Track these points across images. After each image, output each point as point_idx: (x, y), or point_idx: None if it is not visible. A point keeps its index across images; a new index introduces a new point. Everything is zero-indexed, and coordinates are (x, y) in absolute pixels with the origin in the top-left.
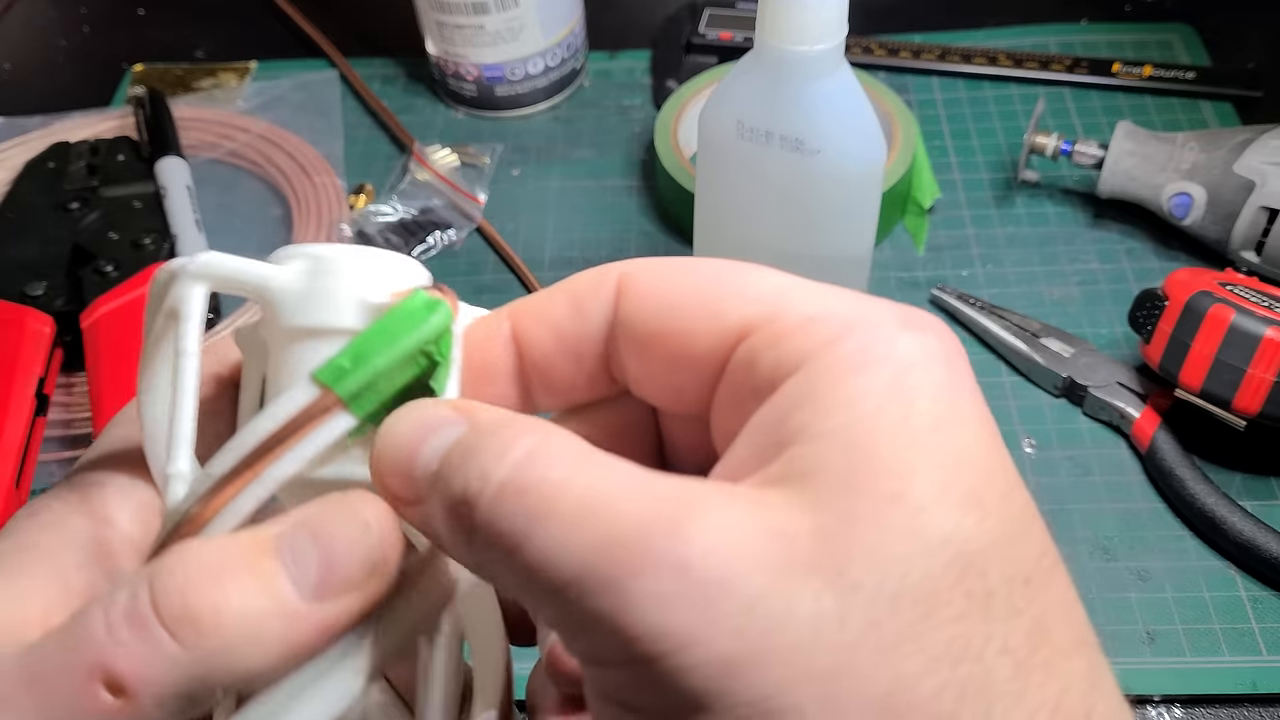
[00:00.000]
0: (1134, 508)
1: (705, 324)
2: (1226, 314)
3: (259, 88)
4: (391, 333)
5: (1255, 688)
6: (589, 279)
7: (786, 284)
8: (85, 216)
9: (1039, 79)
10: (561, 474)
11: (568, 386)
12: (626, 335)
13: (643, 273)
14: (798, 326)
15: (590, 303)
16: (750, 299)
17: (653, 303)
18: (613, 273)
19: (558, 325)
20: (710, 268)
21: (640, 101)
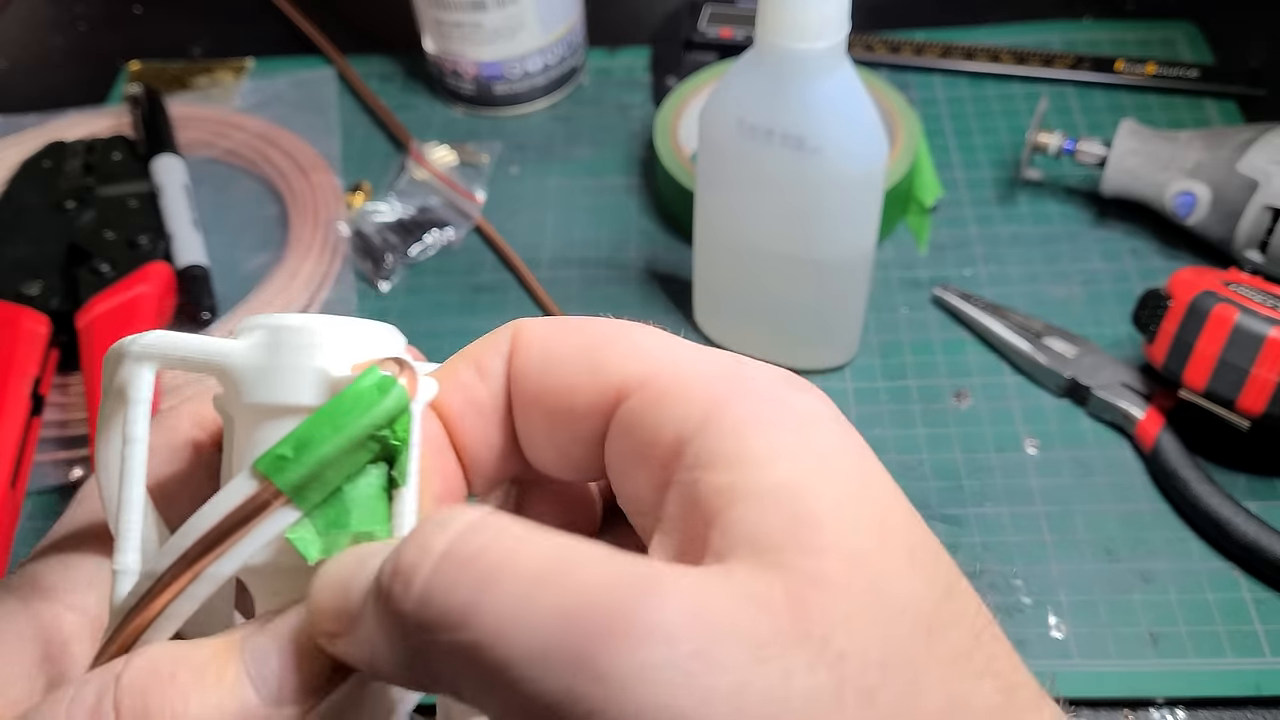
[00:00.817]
0: (1137, 509)
1: (585, 380)
2: (1231, 314)
3: (255, 86)
4: (339, 417)
5: (1259, 690)
6: (488, 339)
7: (668, 342)
8: (81, 215)
9: (1042, 77)
10: (511, 543)
11: (493, 459)
12: (516, 394)
13: (534, 327)
14: (681, 386)
15: (489, 361)
16: (629, 356)
17: (537, 358)
18: (508, 329)
19: (466, 390)
20: (597, 326)
21: (640, 99)
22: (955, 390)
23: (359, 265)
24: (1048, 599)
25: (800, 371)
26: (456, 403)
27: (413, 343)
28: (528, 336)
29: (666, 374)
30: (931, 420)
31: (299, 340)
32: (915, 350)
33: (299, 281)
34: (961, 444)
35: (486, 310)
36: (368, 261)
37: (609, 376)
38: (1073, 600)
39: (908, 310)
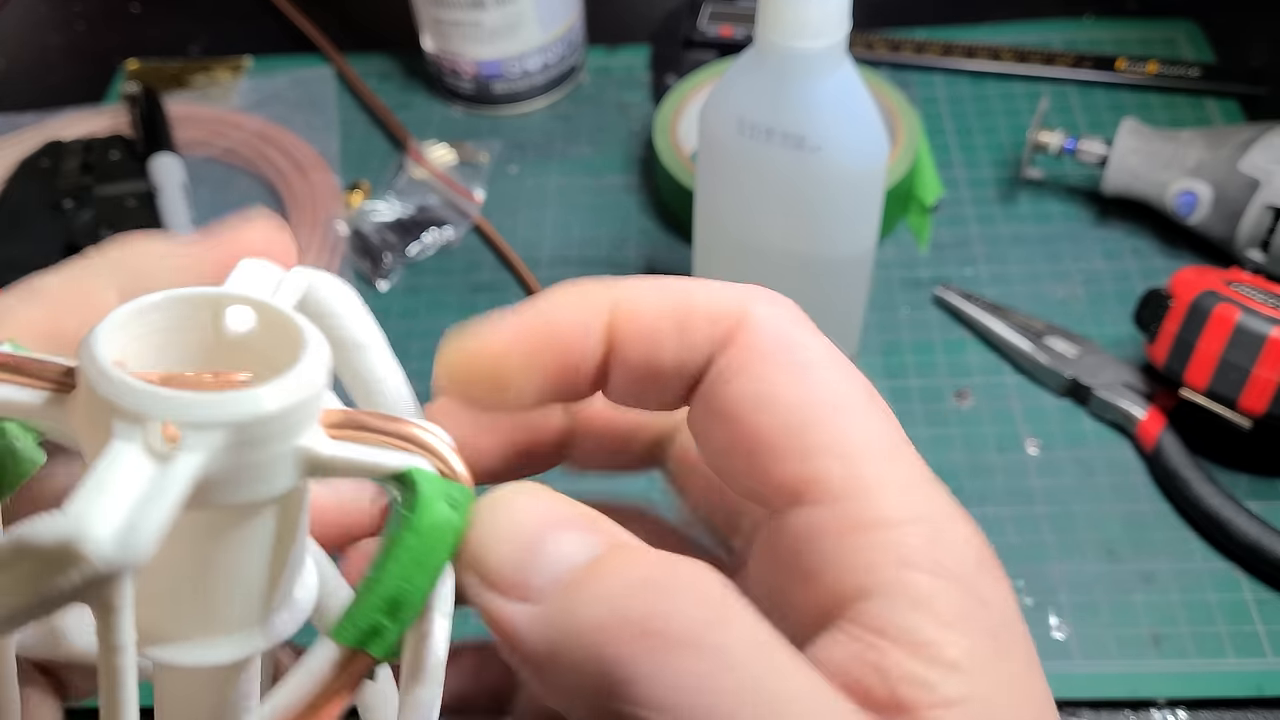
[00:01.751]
0: (1139, 509)
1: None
2: (1232, 313)
3: (254, 84)
4: (426, 558)
5: (1261, 691)
6: (705, 308)
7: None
8: (79, 215)
9: (1043, 75)
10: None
11: (631, 398)
12: (713, 391)
13: (758, 335)
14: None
15: (699, 339)
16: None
17: (747, 386)
18: (732, 315)
19: (658, 345)
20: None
21: (639, 98)
22: (956, 390)
23: (357, 264)
24: (1049, 600)
25: None
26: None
27: (411, 342)
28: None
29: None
30: (932, 420)
31: (269, 431)
32: (916, 350)
33: None
34: (962, 444)
35: (486, 309)
36: (366, 261)
37: (806, 466)
38: (1074, 601)
39: (908, 310)
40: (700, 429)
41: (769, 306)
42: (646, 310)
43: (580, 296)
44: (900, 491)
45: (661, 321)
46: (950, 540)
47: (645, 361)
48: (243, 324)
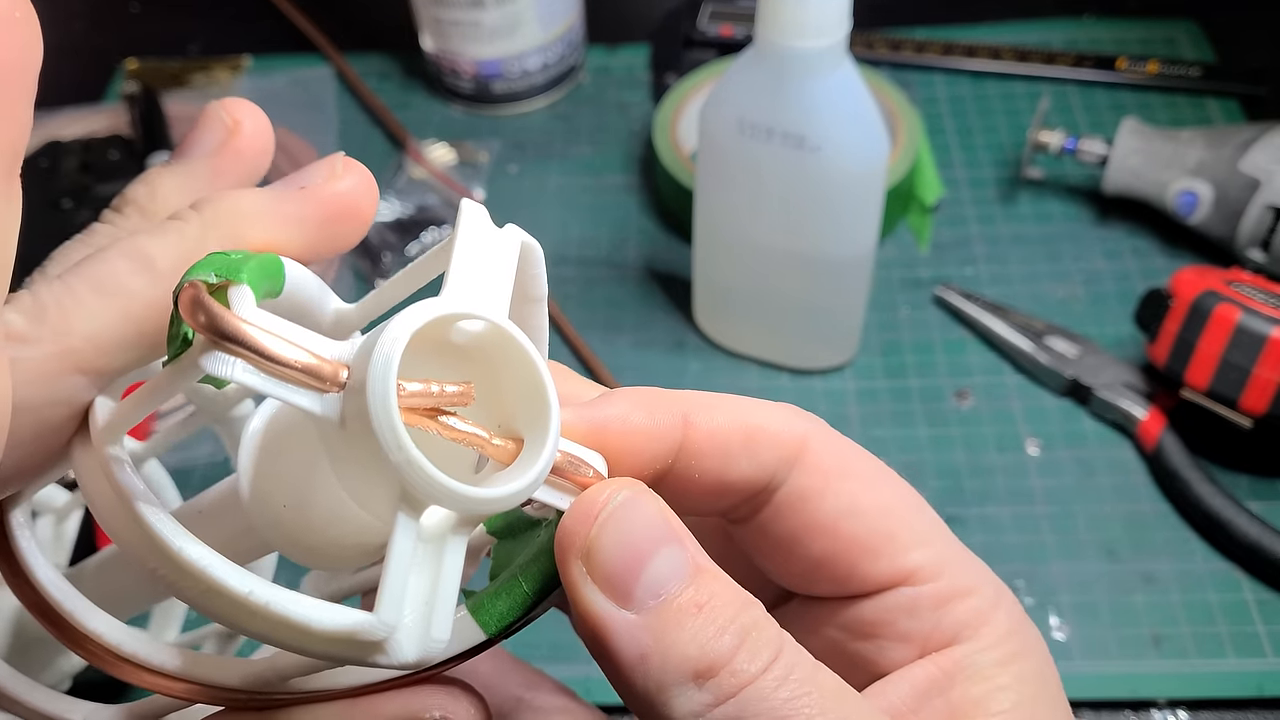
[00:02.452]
0: (1140, 509)
1: (882, 552)
2: (1233, 313)
3: (253, 84)
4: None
5: (1261, 691)
6: (771, 427)
7: (942, 533)
8: (78, 214)
9: (1043, 75)
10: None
11: (696, 504)
12: (797, 509)
13: (829, 457)
14: (959, 598)
15: (765, 454)
16: (920, 542)
17: (837, 502)
18: (797, 435)
19: (726, 455)
20: (891, 494)
21: (639, 97)
22: (956, 390)
23: (356, 264)
24: (1049, 600)
25: (801, 371)
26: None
27: None
28: (827, 468)
29: (951, 577)
30: (933, 420)
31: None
32: (916, 350)
33: None
34: (963, 444)
35: None
36: (365, 260)
37: (904, 559)
38: (1074, 601)
39: (909, 310)
40: (774, 542)
41: (823, 429)
42: (720, 427)
43: (654, 402)
44: (965, 566)
45: (733, 438)
46: (1007, 599)
47: (716, 474)
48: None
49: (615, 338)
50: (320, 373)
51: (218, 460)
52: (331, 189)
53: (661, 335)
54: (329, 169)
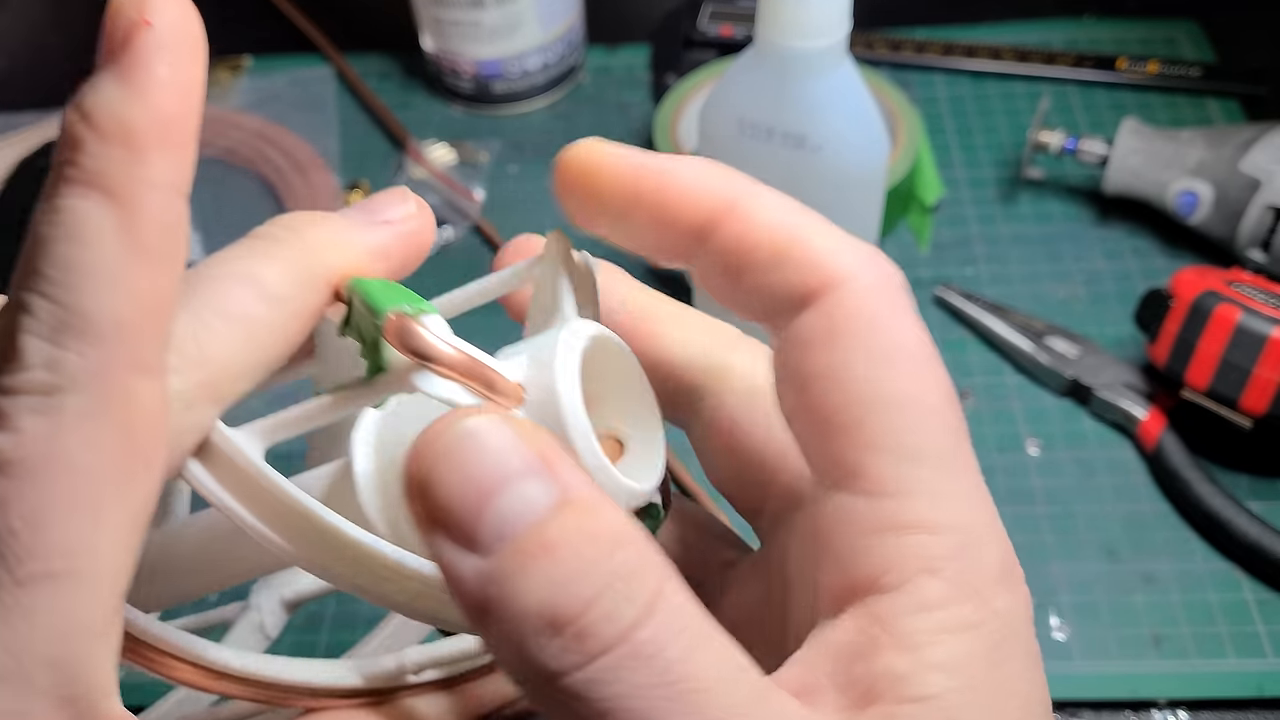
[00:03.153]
0: (1140, 509)
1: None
2: (1233, 313)
3: (253, 84)
4: None
5: (1261, 691)
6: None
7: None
8: None
9: (1043, 75)
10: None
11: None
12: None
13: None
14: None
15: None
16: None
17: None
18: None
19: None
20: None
21: (639, 97)
22: (957, 390)
23: None
24: (1049, 600)
25: None
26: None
27: None
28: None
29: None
30: None
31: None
32: None
33: None
34: None
35: (485, 309)
36: None
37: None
38: (1075, 601)
39: None
40: (778, 373)
41: (872, 276)
42: (758, 225)
43: (709, 176)
44: (943, 499)
45: (765, 244)
46: (977, 552)
47: (735, 270)
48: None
49: None
50: (508, 392)
51: None
52: (411, 225)
53: None
54: (401, 203)
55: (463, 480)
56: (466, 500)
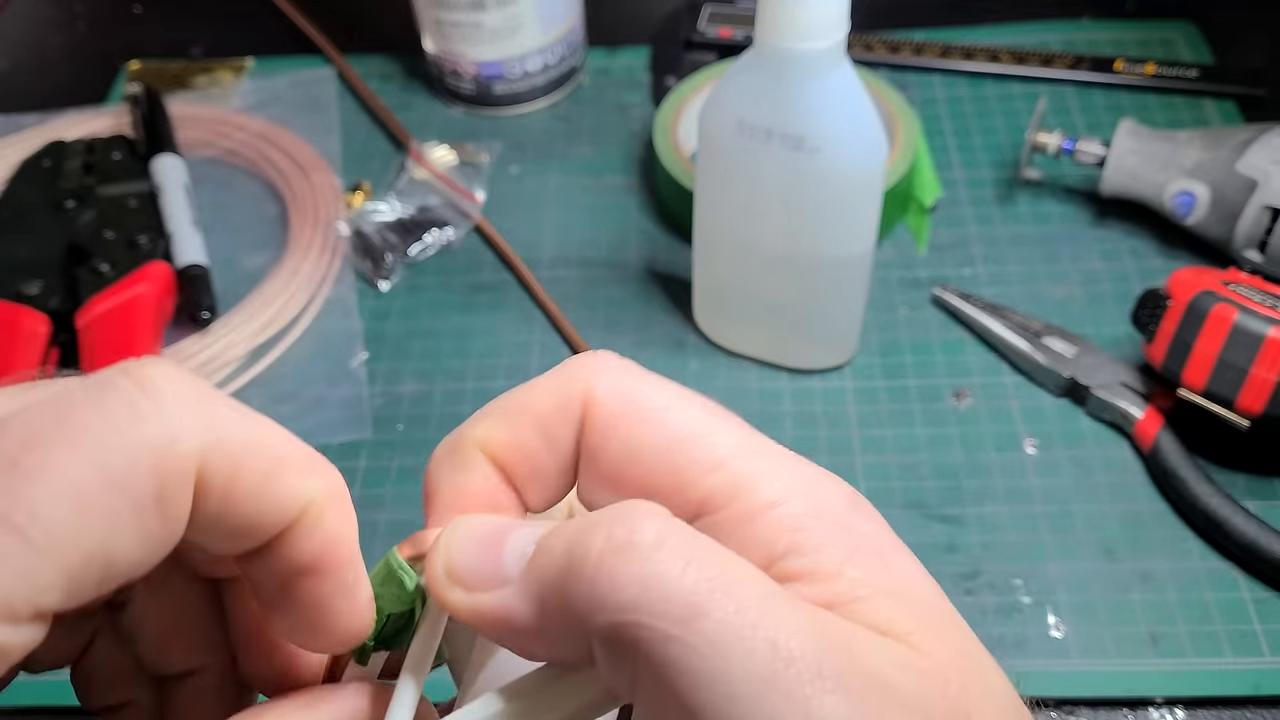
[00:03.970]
0: (1137, 509)
1: (668, 484)
2: (1230, 313)
3: (255, 85)
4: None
5: (1258, 689)
6: (554, 397)
7: (750, 449)
8: (81, 215)
9: (1041, 76)
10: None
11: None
12: (590, 467)
13: (610, 404)
14: (766, 513)
15: (558, 429)
16: (714, 468)
17: (617, 449)
18: (578, 391)
19: (531, 459)
20: (678, 419)
21: (639, 99)
22: (954, 390)
23: (359, 265)
24: (1047, 599)
25: (800, 371)
26: (521, 472)
27: (412, 342)
28: (605, 417)
29: (749, 495)
30: (931, 420)
31: None
32: (914, 350)
33: (299, 281)
34: (961, 444)
35: (486, 309)
36: (367, 261)
37: (694, 490)
38: (1072, 600)
39: (907, 310)
40: (592, 502)
41: (607, 375)
42: (507, 432)
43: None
44: (770, 478)
45: (524, 436)
46: (822, 499)
47: (533, 472)
48: None
49: (616, 338)
50: None
51: None
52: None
53: (661, 335)
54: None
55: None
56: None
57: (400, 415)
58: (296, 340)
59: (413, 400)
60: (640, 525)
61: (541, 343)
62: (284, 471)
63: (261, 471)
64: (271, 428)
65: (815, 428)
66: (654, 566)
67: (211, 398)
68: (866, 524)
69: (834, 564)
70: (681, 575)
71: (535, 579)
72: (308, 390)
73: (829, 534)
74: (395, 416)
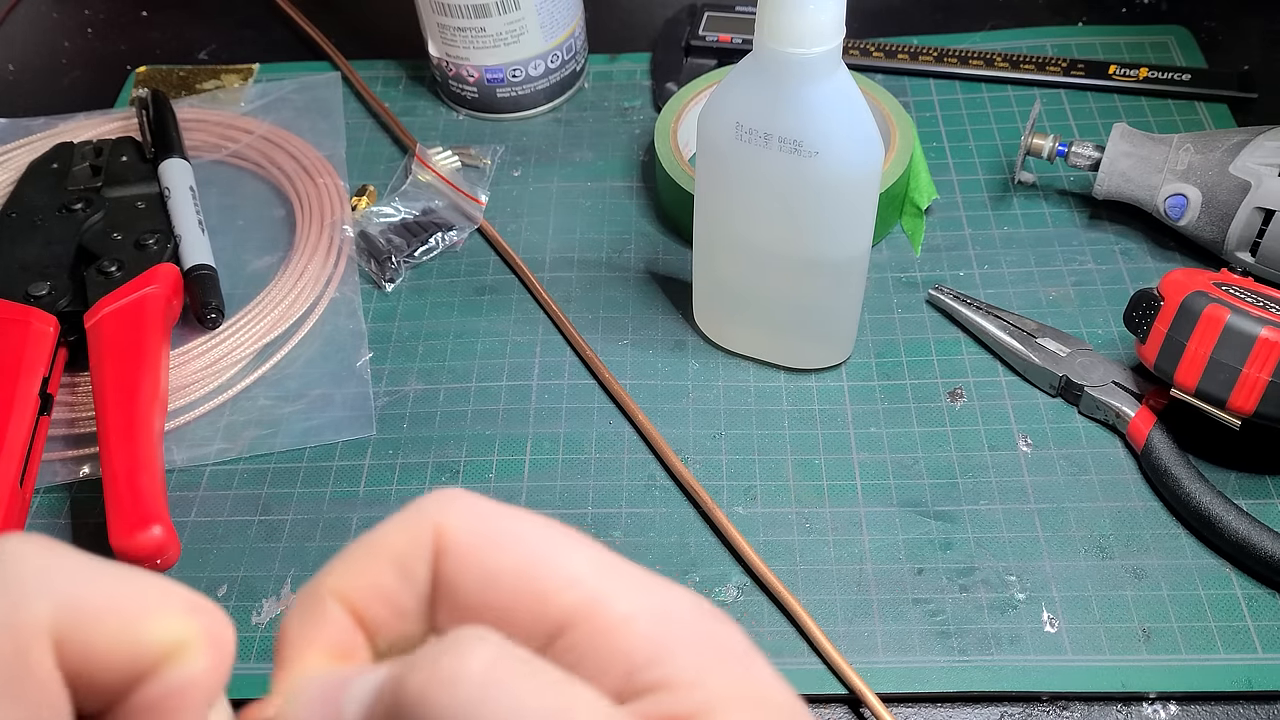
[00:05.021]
0: (1130, 506)
1: (525, 607)
2: (1221, 314)
3: (262, 89)
4: None
5: (1250, 685)
6: (405, 534)
7: (601, 567)
8: (89, 217)
9: (1035, 81)
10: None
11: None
12: (446, 601)
13: (460, 534)
14: (621, 627)
15: (414, 565)
16: (567, 586)
17: (474, 576)
18: (428, 528)
19: (390, 598)
20: (529, 539)
21: (640, 103)
22: (949, 389)
23: (364, 266)
24: (1041, 595)
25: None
26: (381, 614)
27: (417, 343)
28: (459, 545)
29: (604, 610)
30: (926, 419)
31: None
32: (910, 350)
33: (305, 282)
34: (955, 442)
35: (489, 310)
36: (372, 263)
37: (552, 608)
38: (1066, 596)
39: (903, 311)
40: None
41: (457, 506)
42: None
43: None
44: (624, 591)
45: (381, 576)
46: (675, 608)
47: (395, 612)
48: None
49: (616, 338)
50: None
51: (225, 459)
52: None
53: (662, 335)
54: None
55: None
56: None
57: (405, 414)
58: (302, 340)
59: (417, 399)
60: (468, 653)
61: (543, 343)
62: (146, 616)
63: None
64: (133, 578)
65: (812, 426)
66: (482, 697)
67: (61, 561)
68: (721, 628)
69: (693, 671)
70: (514, 708)
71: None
72: (313, 390)
73: (685, 642)
74: (400, 415)
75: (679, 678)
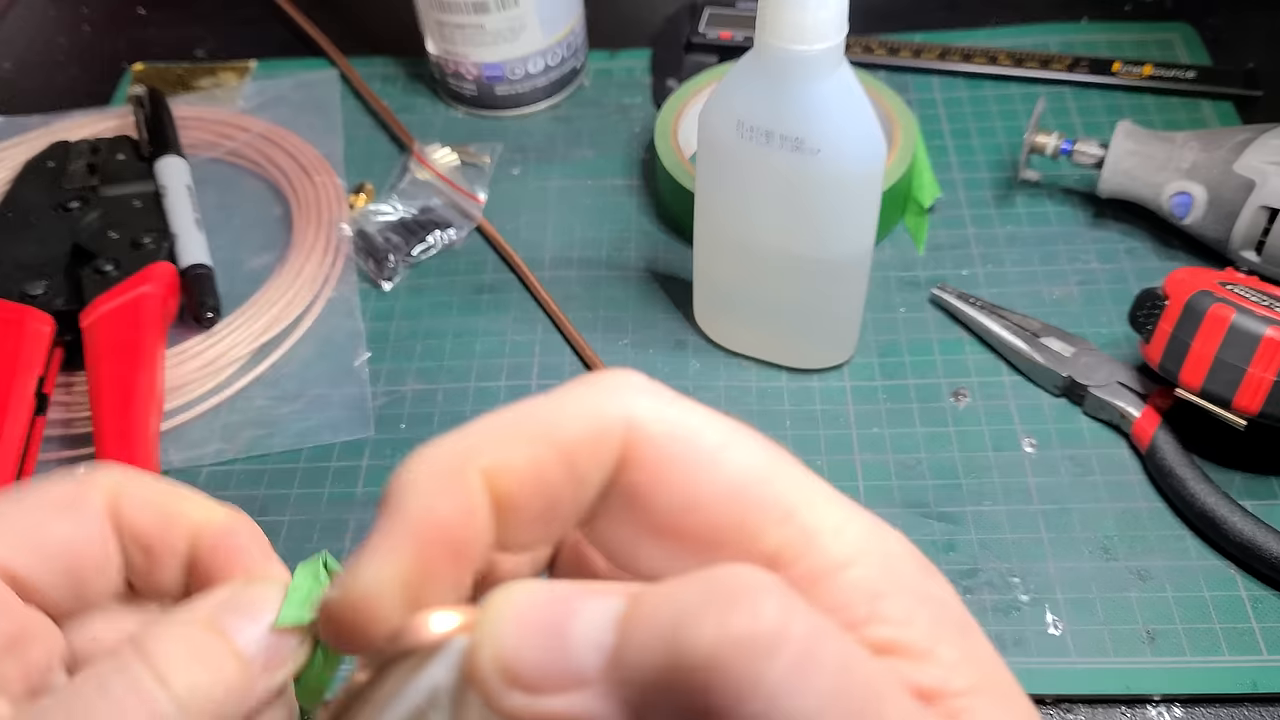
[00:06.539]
0: (1134, 507)
1: (733, 538)
2: (1227, 313)
3: (259, 87)
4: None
5: (1255, 687)
6: (584, 429)
7: (816, 497)
8: (85, 216)
9: (1039, 78)
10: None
11: (531, 542)
12: (630, 514)
13: (658, 443)
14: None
15: (588, 468)
16: (783, 520)
17: (672, 495)
18: (615, 425)
19: (550, 491)
20: (738, 467)
21: (640, 101)
22: (953, 389)
23: (362, 265)
24: (1045, 597)
25: (799, 370)
26: (528, 511)
27: (415, 342)
28: (655, 457)
29: (820, 552)
30: (929, 419)
31: None
32: (913, 350)
33: (302, 281)
34: (959, 443)
35: (488, 309)
36: (370, 261)
37: (761, 544)
38: (1070, 598)
39: (906, 310)
40: (621, 545)
41: (648, 403)
42: (524, 463)
43: (449, 480)
44: (840, 533)
45: (546, 470)
46: (896, 561)
47: (543, 513)
48: None
49: (617, 337)
50: None
51: (222, 460)
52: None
53: (662, 335)
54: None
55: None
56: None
57: (403, 414)
58: (300, 340)
59: (415, 399)
60: (759, 605)
61: (543, 342)
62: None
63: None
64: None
65: (814, 427)
66: (796, 686)
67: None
68: (940, 590)
69: (924, 640)
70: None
71: (624, 680)
72: (311, 390)
73: (907, 598)
74: (398, 416)
75: (910, 644)
